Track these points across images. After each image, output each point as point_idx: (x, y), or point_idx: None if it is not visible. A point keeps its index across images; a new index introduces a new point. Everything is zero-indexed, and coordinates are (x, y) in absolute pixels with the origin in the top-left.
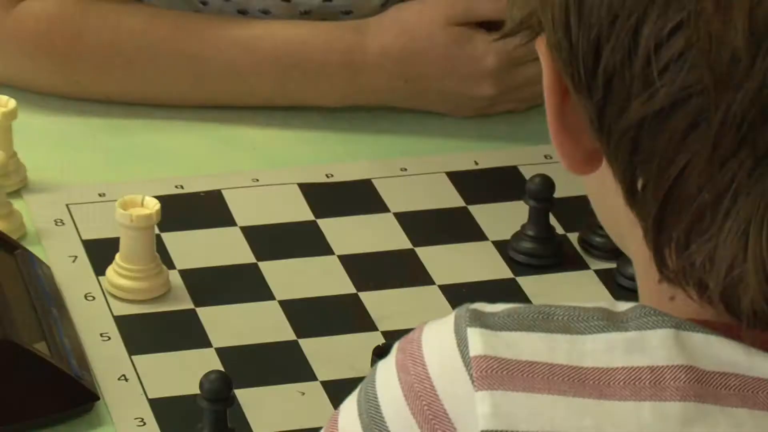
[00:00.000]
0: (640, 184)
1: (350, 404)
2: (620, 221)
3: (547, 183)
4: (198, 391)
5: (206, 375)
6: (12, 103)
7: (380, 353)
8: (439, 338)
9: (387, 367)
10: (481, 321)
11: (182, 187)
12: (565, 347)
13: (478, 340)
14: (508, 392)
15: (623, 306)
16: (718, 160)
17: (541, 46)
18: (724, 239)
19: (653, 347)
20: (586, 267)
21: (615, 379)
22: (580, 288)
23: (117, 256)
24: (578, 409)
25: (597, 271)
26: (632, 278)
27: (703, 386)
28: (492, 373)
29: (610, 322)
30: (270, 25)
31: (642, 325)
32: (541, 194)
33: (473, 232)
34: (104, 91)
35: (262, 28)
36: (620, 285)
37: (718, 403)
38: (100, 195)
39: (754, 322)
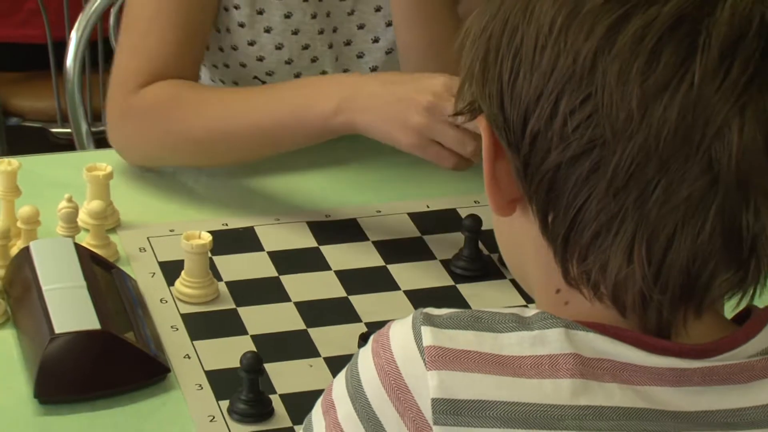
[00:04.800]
0: (551, 216)
1: (340, 378)
2: (524, 254)
3: (477, 220)
4: (238, 365)
5: (244, 354)
6: (109, 168)
7: (364, 338)
8: (401, 333)
9: (365, 352)
10: (431, 321)
11: (227, 224)
12: (490, 341)
13: (428, 335)
14: (450, 371)
15: (530, 312)
16: (612, 192)
17: (482, 121)
18: (614, 251)
19: (550, 341)
20: (503, 277)
21: (524, 363)
22: (499, 292)
23: (182, 272)
24: (499, 384)
25: (511, 280)
26: None
27: (586, 368)
28: (439, 358)
29: (521, 324)
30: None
31: (543, 326)
32: (473, 228)
33: (426, 254)
34: (186, 161)
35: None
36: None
37: (596, 380)
38: (170, 230)
39: (633, 309)
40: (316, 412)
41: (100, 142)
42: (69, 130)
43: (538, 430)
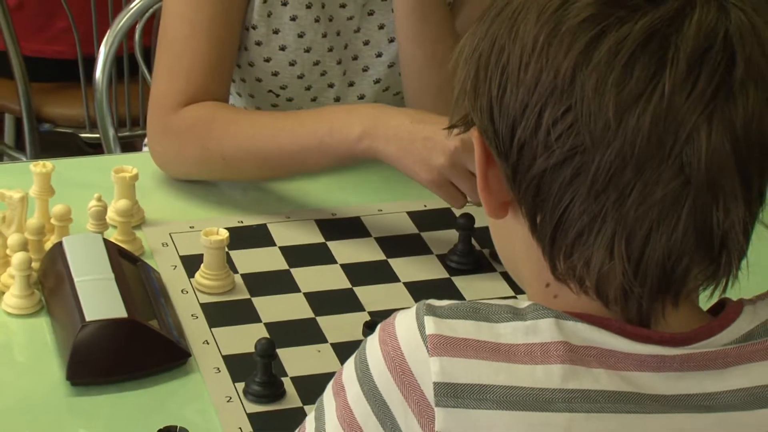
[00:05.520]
0: (539, 218)
1: (350, 363)
2: (516, 253)
3: (470, 218)
4: (253, 350)
5: (258, 340)
6: (135, 170)
7: (368, 326)
8: (406, 322)
9: (373, 340)
10: (433, 311)
11: (242, 222)
12: (487, 330)
13: (431, 324)
14: (450, 358)
15: (523, 304)
16: (593, 195)
17: (474, 132)
18: (597, 248)
19: (542, 330)
20: (494, 270)
21: (518, 350)
22: (490, 284)
23: (201, 265)
24: (495, 369)
25: (501, 273)
26: None
27: (575, 354)
28: (440, 346)
29: (515, 314)
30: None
31: (535, 316)
32: (466, 225)
33: (424, 249)
34: (218, 176)
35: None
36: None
37: (584, 366)
38: (190, 227)
39: (616, 301)
40: (327, 394)
41: (126, 146)
42: (97, 136)
43: (531, 412)
